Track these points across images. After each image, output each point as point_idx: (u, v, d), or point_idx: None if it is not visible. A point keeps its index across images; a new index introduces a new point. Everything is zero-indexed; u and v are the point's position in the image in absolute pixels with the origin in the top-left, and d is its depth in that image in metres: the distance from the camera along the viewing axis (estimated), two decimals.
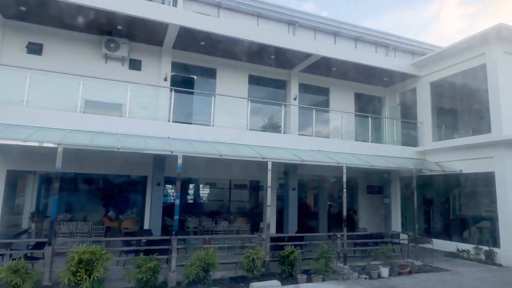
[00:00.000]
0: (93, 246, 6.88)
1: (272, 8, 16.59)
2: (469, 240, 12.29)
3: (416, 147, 14.37)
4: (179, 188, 8.75)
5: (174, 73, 12.65)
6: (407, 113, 15.53)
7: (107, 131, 9.49)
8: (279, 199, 13.97)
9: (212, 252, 7.82)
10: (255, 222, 13.57)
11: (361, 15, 72.73)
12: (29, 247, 8.26)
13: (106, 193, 13.52)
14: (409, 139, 14.94)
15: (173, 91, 11.28)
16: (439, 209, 14.18)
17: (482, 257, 11.12)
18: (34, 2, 9.74)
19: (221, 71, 13.35)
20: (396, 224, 14.85)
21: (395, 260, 9.70)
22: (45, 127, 8.84)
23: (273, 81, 14.49)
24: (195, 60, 12.97)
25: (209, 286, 7.57)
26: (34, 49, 10.81)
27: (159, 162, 10.91)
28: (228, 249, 10.44)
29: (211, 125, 11.33)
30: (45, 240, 7.49)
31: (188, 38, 11.70)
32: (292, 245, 8.94)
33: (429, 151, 13.98)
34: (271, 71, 14.24)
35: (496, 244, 11.16)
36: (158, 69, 12.24)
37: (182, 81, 12.81)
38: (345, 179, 10.59)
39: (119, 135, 9.34)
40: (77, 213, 12.36)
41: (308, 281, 8.23)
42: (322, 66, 13.93)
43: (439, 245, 12.73)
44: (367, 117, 14.48)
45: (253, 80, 13.94)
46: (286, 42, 12.48)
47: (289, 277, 8.55)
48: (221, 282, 7.99)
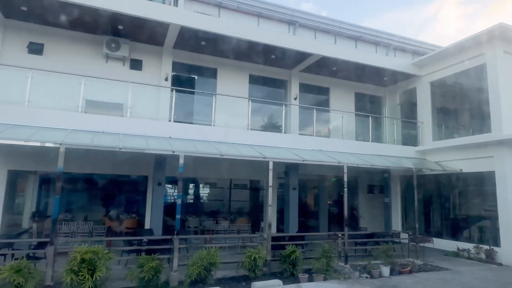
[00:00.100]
0: (95, 245, 6.89)
1: (273, 8, 16.59)
2: (469, 239, 12.35)
3: (416, 146, 14.40)
4: (181, 188, 8.75)
5: (175, 73, 12.66)
6: (407, 112, 15.56)
7: (108, 131, 9.51)
8: (279, 198, 13.99)
9: (214, 251, 7.84)
10: (256, 222, 13.59)
11: (360, 14, 72.82)
12: (31, 247, 8.26)
13: (106, 193, 13.52)
14: (409, 139, 14.98)
15: (174, 91, 11.32)
16: (439, 208, 14.22)
17: (483, 256, 11.16)
18: (35, 2, 9.73)
19: (221, 71, 13.36)
20: (396, 223, 14.88)
21: (396, 259, 9.71)
22: (46, 127, 8.85)
23: (274, 80, 14.51)
24: (195, 60, 12.98)
25: (211, 285, 7.57)
26: (35, 49, 10.80)
27: (160, 162, 10.90)
28: (229, 248, 10.42)
29: (212, 125, 11.36)
30: (47, 239, 7.49)
31: (189, 38, 11.70)
32: (293, 244, 8.96)
33: (429, 151, 14.01)
34: (271, 70, 14.26)
35: (496, 243, 11.20)
36: (159, 69, 12.24)
37: (183, 81, 12.83)
38: (346, 179, 10.62)
39: (120, 135, 9.35)
40: (77, 213, 12.37)
41: (309, 280, 8.25)
42: (323, 65, 13.95)
43: (439, 244, 12.79)
44: (368, 116, 14.52)
45: (253, 79, 13.96)
46: (286, 42, 12.49)
47: (290, 276, 8.57)
48: (223, 281, 8.01)
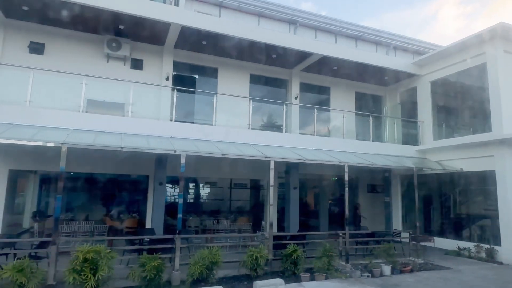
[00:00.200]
0: (97, 245, 6.90)
1: (273, 7, 16.59)
2: (470, 238, 12.38)
3: (417, 146, 14.43)
4: (182, 187, 8.76)
5: (176, 73, 12.66)
6: (408, 112, 15.58)
7: (109, 130, 9.52)
8: (280, 198, 14.00)
9: (216, 250, 7.86)
10: (256, 221, 13.61)
11: (359, 14, 72.83)
12: (33, 247, 8.27)
13: (107, 192, 13.50)
14: (409, 138, 15.01)
15: (175, 90, 11.32)
16: (440, 207, 14.24)
17: (483, 255, 11.19)
18: (36, 2, 9.73)
19: (222, 70, 13.37)
20: (397, 222, 14.91)
21: (397, 259, 9.74)
22: (48, 127, 8.87)
23: (274, 80, 14.52)
24: (196, 60, 12.99)
25: (212, 284, 7.58)
26: (36, 48, 10.80)
27: (161, 161, 10.91)
28: (230, 247, 10.41)
29: (213, 124, 11.38)
30: (50, 239, 7.51)
31: (190, 38, 11.71)
32: (295, 243, 8.98)
33: (429, 150, 14.03)
34: (272, 70, 14.27)
35: (496, 242, 11.23)
36: (160, 69, 12.25)
37: (184, 81, 12.82)
38: (347, 178, 10.63)
39: (122, 135, 9.36)
40: (78, 212, 12.37)
41: (311, 279, 8.28)
42: (323, 65, 13.95)
43: (440, 243, 12.82)
44: (368, 116, 14.55)
45: (254, 79, 13.97)
46: (287, 41, 12.50)
47: (292, 275, 8.59)
48: (224, 280, 8.02)
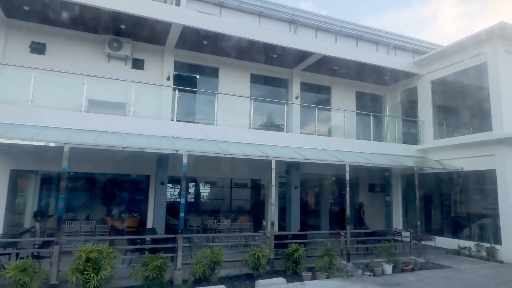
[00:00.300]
0: (99, 244, 6.92)
1: (274, 7, 16.60)
2: (470, 237, 12.41)
3: (417, 145, 14.45)
4: (184, 187, 8.78)
5: (177, 72, 12.68)
6: (408, 111, 15.61)
7: (111, 130, 9.52)
8: (280, 197, 14.02)
9: (218, 250, 7.88)
10: (257, 221, 13.63)
11: (359, 13, 72.87)
12: (35, 246, 8.29)
13: (108, 192, 13.53)
14: (410, 137, 15.04)
15: (176, 90, 11.33)
16: (440, 206, 14.28)
17: (484, 254, 11.21)
18: (37, 2, 9.73)
19: (223, 70, 13.38)
20: (397, 222, 14.94)
21: (398, 258, 9.76)
22: (50, 127, 8.87)
23: (275, 80, 14.53)
24: (197, 59, 13.00)
25: (215, 284, 7.61)
26: (37, 48, 10.81)
27: (162, 161, 10.92)
28: (232, 247, 10.42)
29: (214, 124, 11.40)
30: (52, 239, 7.52)
31: (191, 37, 11.72)
32: (296, 243, 9.01)
33: (430, 149, 14.05)
34: (273, 70, 14.29)
35: (497, 241, 11.26)
36: (161, 69, 12.26)
37: (185, 80, 12.83)
38: (348, 177, 10.66)
39: (123, 134, 9.37)
40: (79, 212, 12.39)
41: (312, 278, 8.30)
42: (324, 64, 13.97)
43: (440, 242, 12.84)
44: (369, 115, 14.57)
45: (255, 79, 13.98)
46: (287, 41, 12.51)
47: (293, 274, 8.61)
48: (226, 280, 8.05)
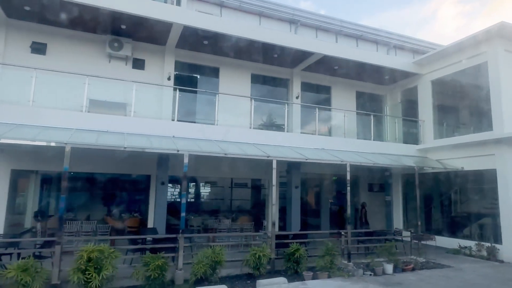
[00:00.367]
0: (100, 244, 6.93)
1: (274, 7, 16.61)
2: (471, 237, 12.42)
3: (417, 145, 14.46)
4: (185, 187, 8.79)
5: (177, 72, 12.68)
6: (409, 111, 15.61)
7: (112, 130, 9.53)
8: (281, 197, 14.03)
9: (219, 250, 7.89)
10: (257, 220, 13.63)
11: (358, 13, 72.90)
12: (37, 246, 8.30)
13: (108, 192, 13.53)
14: (410, 137, 15.04)
15: (177, 90, 11.33)
16: (441, 206, 14.30)
17: (484, 253, 11.23)
18: (38, 2, 9.73)
19: (224, 70, 13.39)
20: (398, 221, 14.96)
21: (399, 257, 9.79)
22: (51, 127, 8.88)
23: (276, 79, 14.54)
24: (198, 59, 13.01)
25: (216, 283, 7.62)
26: (38, 48, 10.81)
27: (163, 161, 10.93)
28: (232, 247, 10.42)
29: (215, 124, 11.41)
30: (54, 239, 7.53)
31: (191, 37, 11.72)
32: (297, 242, 9.02)
33: (430, 149, 14.06)
34: (273, 69, 14.30)
35: (497, 240, 11.27)
36: (162, 68, 12.27)
37: (185, 80, 12.84)
38: (348, 177, 10.67)
39: (124, 134, 9.38)
40: (79, 212, 12.39)
41: (313, 278, 8.31)
42: (324, 64, 13.98)
43: (441, 242, 12.87)
44: (369, 115, 14.58)
45: (255, 78, 13.99)
46: (288, 40, 12.52)
47: (294, 274, 8.63)
48: (227, 279, 8.07)
